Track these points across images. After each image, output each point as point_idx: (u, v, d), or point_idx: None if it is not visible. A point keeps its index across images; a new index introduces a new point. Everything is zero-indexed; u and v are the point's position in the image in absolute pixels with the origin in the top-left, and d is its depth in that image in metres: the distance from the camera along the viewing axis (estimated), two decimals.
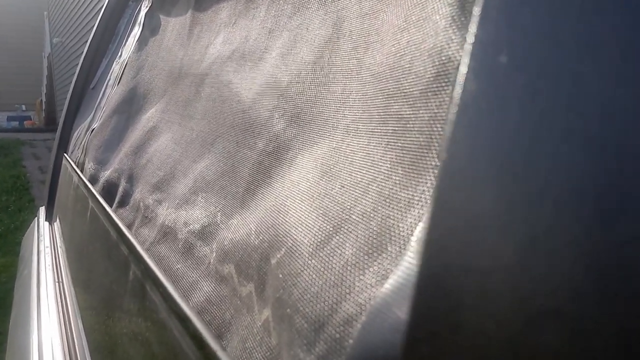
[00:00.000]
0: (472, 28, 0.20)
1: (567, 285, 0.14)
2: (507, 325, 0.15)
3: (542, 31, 0.17)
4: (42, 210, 1.21)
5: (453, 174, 0.16)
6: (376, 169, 0.27)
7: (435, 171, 0.22)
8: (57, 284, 0.73)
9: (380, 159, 0.27)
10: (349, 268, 0.23)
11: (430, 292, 0.18)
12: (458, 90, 0.20)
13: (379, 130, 0.29)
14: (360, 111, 0.32)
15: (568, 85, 0.15)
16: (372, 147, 0.29)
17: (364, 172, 0.28)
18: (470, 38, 0.20)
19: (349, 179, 0.29)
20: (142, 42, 0.94)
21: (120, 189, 0.69)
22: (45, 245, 0.93)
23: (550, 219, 0.15)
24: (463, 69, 0.20)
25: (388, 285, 0.19)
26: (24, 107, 10.69)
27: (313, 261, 0.26)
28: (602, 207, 0.14)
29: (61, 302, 0.68)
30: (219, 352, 0.26)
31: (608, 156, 0.14)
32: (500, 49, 0.18)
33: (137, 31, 0.99)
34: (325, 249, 0.26)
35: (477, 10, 0.20)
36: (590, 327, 0.13)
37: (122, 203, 0.66)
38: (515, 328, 0.15)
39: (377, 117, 0.30)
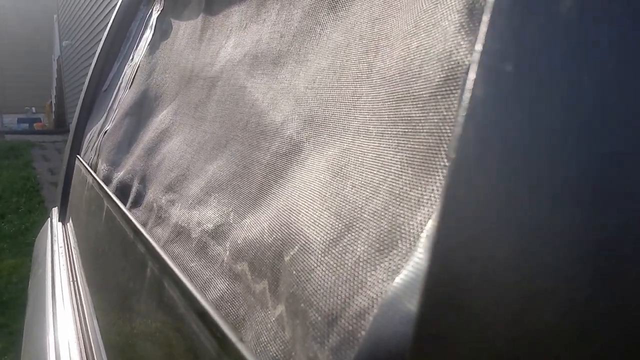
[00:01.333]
0: (481, 34, 0.21)
1: (577, 285, 0.15)
2: (515, 320, 0.16)
3: (549, 36, 0.17)
4: (54, 211, 1.23)
5: (462, 173, 0.17)
6: (387, 169, 0.28)
7: (445, 171, 0.23)
8: (71, 283, 0.75)
9: (391, 159, 0.28)
10: (361, 264, 0.24)
11: (441, 287, 0.19)
12: (467, 94, 0.21)
13: (389, 132, 0.30)
14: (371, 113, 0.33)
15: (574, 89, 0.16)
16: (382, 148, 0.30)
17: (375, 172, 0.29)
18: (479, 43, 0.21)
19: (360, 179, 0.30)
20: (153, 45, 0.96)
21: (134, 190, 0.71)
22: (59, 246, 0.94)
23: (558, 218, 0.15)
24: (472, 74, 0.21)
25: (399, 279, 0.20)
26: (34, 109, 10.81)
27: (326, 258, 0.27)
28: (603, 204, 0.14)
29: (76, 300, 0.70)
30: (238, 346, 0.27)
31: (618, 157, 0.15)
32: (508, 54, 0.19)
33: (148, 34, 1.00)
34: (337, 246, 0.27)
35: (485, 17, 0.21)
36: (603, 323, 0.14)
37: (136, 203, 0.68)
38: (523, 323, 0.16)
39: (387, 119, 0.31)
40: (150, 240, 0.44)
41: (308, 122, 0.42)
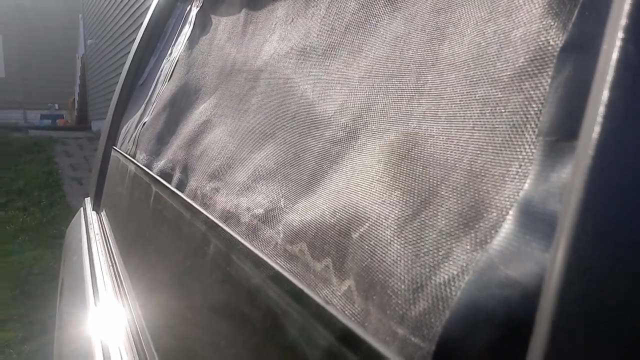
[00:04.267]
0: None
1: None
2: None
3: None
4: (87, 201, 1.26)
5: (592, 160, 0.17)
6: (462, 149, 0.28)
7: (532, 147, 0.23)
8: (112, 268, 0.77)
9: (467, 140, 0.29)
10: (444, 237, 0.25)
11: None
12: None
13: (462, 115, 0.30)
14: (438, 98, 0.34)
15: None
16: (454, 130, 0.31)
17: (449, 152, 0.30)
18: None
19: (431, 159, 0.31)
20: (192, 40, 0.98)
21: (176, 178, 0.73)
22: (95, 233, 0.97)
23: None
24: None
25: (494, 246, 0.21)
26: (56, 106, 11.04)
27: (404, 232, 0.28)
28: None
29: (118, 283, 0.71)
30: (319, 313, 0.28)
31: None
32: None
33: (187, 30, 1.03)
34: (415, 221, 0.28)
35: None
36: None
37: (179, 191, 0.69)
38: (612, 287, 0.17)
39: (458, 102, 0.31)
40: (212, 217, 0.46)
41: (365, 109, 0.43)
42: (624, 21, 0.18)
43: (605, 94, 0.16)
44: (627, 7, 0.18)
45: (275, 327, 0.39)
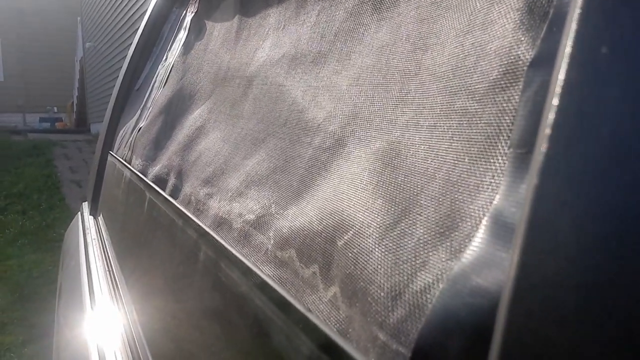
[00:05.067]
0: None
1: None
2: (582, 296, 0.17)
3: (620, 33, 0.19)
4: (85, 206, 1.27)
5: (547, 168, 0.18)
6: (441, 159, 0.29)
7: (505, 158, 0.24)
8: (108, 272, 0.78)
9: (445, 149, 0.29)
10: (421, 245, 0.26)
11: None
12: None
13: (442, 125, 0.31)
14: (420, 108, 0.35)
15: (622, 85, 0.17)
16: (435, 139, 0.31)
17: (429, 161, 0.30)
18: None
19: (413, 168, 0.32)
20: (187, 45, 0.99)
21: (170, 184, 0.73)
22: (92, 238, 0.98)
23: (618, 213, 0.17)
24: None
25: (467, 255, 0.22)
26: (55, 108, 11.04)
27: (385, 241, 0.28)
28: None
29: (114, 288, 0.72)
30: (294, 324, 0.29)
31: None
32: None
33: (182, 35, 1.04)
34: (395, 230, 0.28)
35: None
36: None
37: (173, 197, 0.70)
38: (578, 297, 0.17)
39: (439, 112, 0.32)
40: (202, 225, 0.46)
41: (352, 117, 0.44)
42: (586, 37, 0.19)
43: (555, 106, 0.17)
44: (587, 23, 0.19)
45: (266, 333, 0.40)
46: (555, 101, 0.16)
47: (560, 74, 0.18)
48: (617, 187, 0.15)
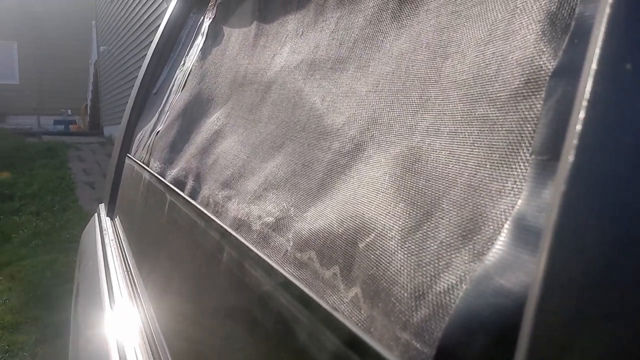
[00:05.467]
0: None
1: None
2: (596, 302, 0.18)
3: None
4: (101, 207, 1.29)
5: (569, 170, 0.19)
6: (462, 164, 0.30)
7: (527, 165, 0.25)
8: (127, 273, 0.79)
9: (467, 155, 0.30)
10: (444, 248, 0.27)
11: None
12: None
13: (463, 131, 0.32)
14: (441, 114, 0.36)
15: None
16: (455, 145, 0.32)
17: (450, 167, 0.31)
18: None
19: (433, 173, 0.33)
20: (205, 51, 1.01)
21: (189, 186, 0.75)
22: (110, 239, 1.00)
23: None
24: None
25: (490, 257, 0.23)
26: (69, 111, 11.20)
27: (407, 243, 0.29)
28: None
29: (133, 288, 0.74)
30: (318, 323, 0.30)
31: None
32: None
33: (200, 41, 1.05)
34: (417, 233, 0.29)
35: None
36: None
37: (191, 198, 0.71)
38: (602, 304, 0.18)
39: (459, 119, 0.33)
40: (226, 226, 0.48)
41: (371, 123, 0.45)
42: (611, 48, 0.20)
43: (582, 116, 0.17)
44: (609, 35, 0.19)
45: (285, 332, 0.41)
46: (581, 111, 0.17)
47: (587, 85, 0.19)
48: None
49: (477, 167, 0.29)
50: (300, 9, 0.71)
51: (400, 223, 0.31)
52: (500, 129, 0.28)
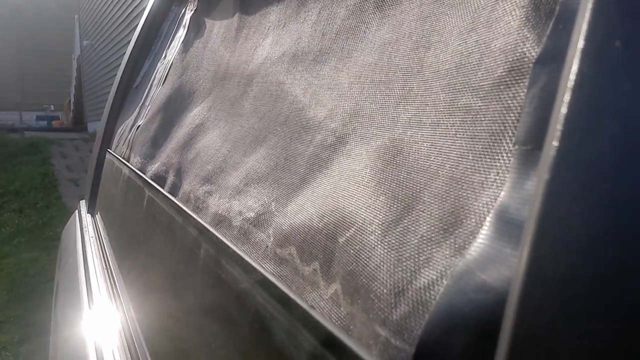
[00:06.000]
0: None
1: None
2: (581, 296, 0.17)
3: (623, 33, 0.19)
4: (82, 204, 1.26)
5: (555, 162, 0.18)
6: (444, 156, 0.29)
7: (509, 155, 0.24)
8: (106, 271, 0.77)
9: (449, 147, 0.29)
10: (425, 242, 0.26)
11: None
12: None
13: (445, 122, 0.31)
14: (423, 105, 0.35)
15: (632, 82, 0.17)
16: (438, 137, 0.31)
17: (432, 158, 0.30)
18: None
19: (415, 165, 0.32)
20: (187, 43, 0.99)
21: (169, 181, 0.73)
22: (90, 236, 0.97)
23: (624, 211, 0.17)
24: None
25: (472, 252, 0.22)
26: (52, 107, 11.01)
27: (387, 238, 0.28)
28: None
29: (112, 286, 0.72)
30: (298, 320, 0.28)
31: None
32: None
33: (181, 33, 1.03)
34: (398, 227, 0.28)
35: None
36: None
37: (172, 194, 0.70)
38: (586, 300, 0.17)
39: (442, 110, 0.32)
40: (204, 223, 0.46)
41: (354, 115, 0.44)
42: (596, 34, 0.19)
43: (565, 103, 0.17)
44: (594, 20, 0.19)
45: (265, 330, 0.39)
46: (565, 97, 0.16)
47: (571, 71, 0.18)
48: (627, 182, 0.15)
49: (460, 159, 0.28)
50: (282, 0, 0.70)
51: (381, 217, 0.30)
52: (483, 119, 0.27)
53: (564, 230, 0.15)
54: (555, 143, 0.15)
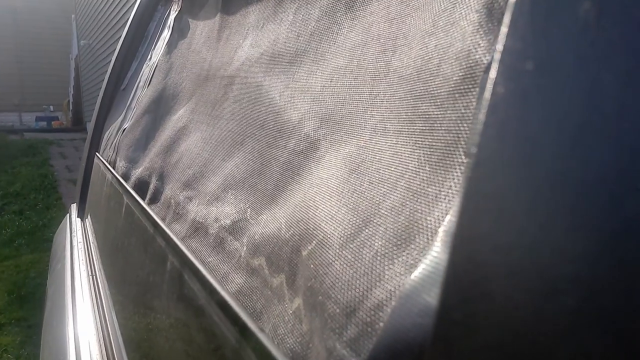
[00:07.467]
0: (501, 33, 0.21)
1: (598, 276, 0.15)
2: (533, 312, 0.17)
3: (569, 36, 0.18)
4: (73, 207, 1.25)
5: (481, 170, 0.17)
6: (404, 166, 0.28)
7: (463, 167, 0.23)
8: (91, 277, 0.77)
9: (408, 156, 0.28)
10: (378, 258, 0.25)
11: (460, 280, 0.19)
12: (487, 92, 0.21)
13: (407, 130, 0.30)
14: (388, 111, 0.34)
15: (586, 87, 0.16)
16: (400, 145, 0.30)
17: (392, 169, 0.29)
18: (499, 43, 0.22)
19: (377, 175, 0.31)
20: (171, 45, 0.98)
21: (152, 186, 0.72)
22: (78, 241, 0.97)
23: (575, 213, 0.16)
24: (492, 72, 0.22)
25: (418, 272, 0.21)
26: (51, 107, 11.01)
27: (344, 252, 0.27)
28: (623, 199, 0.15)
29: (96, 294, 0.71)
30: (259, 336, 0.28)
31: (625, 153, 0.15)
32: (526, 53, 0.19)
33: (166, 34, 1.02)
34: (355, 241, 0.27)
35: (506, 17, 0.21)
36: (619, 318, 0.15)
37: (154, 200, 0.69)
38: (542, 315, 0.16)
39: (404, 117, 0.31)
40: (171, 234, 0.45)
41: (325, 120, 0.43)
42: (513, 42, 0.18)
43: (483, 112, 0.16)
44: (513, 24, 0.18)
45: (239, 338, 0.39)
46: (483, 108, 0.15)
47: (493, 80, 0.17)
48: (545, 187, 0.14)
49: (418, 170, 0.27)
50: (261, 0, 0.69)
51: (340, 230, 0.29)
52: (439, 127, 0.26)
53: (484, 243, 0.15)
54: (471, 152, 0.15)
